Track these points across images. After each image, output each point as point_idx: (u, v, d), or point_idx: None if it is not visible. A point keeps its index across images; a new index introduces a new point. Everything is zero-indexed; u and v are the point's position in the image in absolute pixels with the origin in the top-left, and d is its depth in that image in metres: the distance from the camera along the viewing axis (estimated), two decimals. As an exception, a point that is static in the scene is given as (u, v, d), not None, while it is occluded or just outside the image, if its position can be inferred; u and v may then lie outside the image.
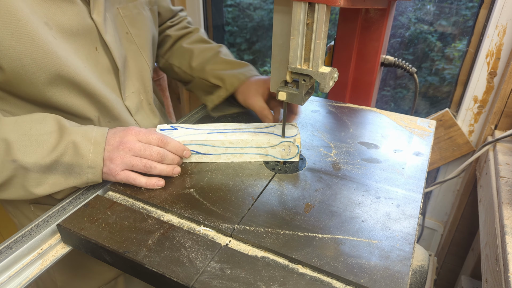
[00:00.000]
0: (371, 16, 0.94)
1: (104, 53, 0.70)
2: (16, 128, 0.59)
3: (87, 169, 0.62)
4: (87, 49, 0.68)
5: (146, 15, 0.81)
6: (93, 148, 0.62)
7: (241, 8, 1.79)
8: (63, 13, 0.63)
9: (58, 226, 0.57)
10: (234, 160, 0.72)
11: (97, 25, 0.68)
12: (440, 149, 1.32)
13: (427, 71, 1.41)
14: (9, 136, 0.58)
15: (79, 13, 0.65)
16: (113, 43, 0.71)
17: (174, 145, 0.67)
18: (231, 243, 0.55)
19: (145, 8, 0.81)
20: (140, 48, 0.79)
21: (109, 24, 0.70)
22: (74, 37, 0.65)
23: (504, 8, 1.06)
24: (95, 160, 0.62)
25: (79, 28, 0.65)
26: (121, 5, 0.74)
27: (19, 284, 0.52)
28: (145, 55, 0.81)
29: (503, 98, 1.09)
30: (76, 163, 0.61)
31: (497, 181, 0.91)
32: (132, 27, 0.77)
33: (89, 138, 0.62)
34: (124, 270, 0.55)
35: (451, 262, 1.43)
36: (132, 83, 0.78)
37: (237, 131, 0.72)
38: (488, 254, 0.81)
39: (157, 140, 0.66)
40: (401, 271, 0.49)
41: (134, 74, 0.79)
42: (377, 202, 0.62)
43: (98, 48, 0.69)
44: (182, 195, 0.63)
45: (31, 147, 0.59)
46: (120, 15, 0.74)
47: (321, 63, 0.57)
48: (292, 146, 0.70)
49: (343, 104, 0.97)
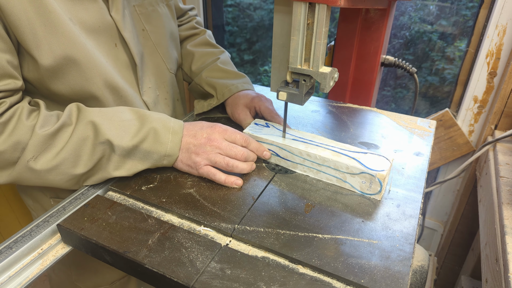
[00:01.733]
0: (371, 16, 0.94)
1: (123, 49, 0.73)
2: (101, 114, 0.63)
3: (164, 156, 0.65)
4: (107, 45, 0.70)
5: (162, 11, 0.83)
6: (171, 137, 0.65)
7: (241, 8, 1.79)
8: (85, 10, 0.65)
9: (58, 226, 0.57)
10: (309, 175, 0.68)
11: (116, 22, 0.70)
12: (440, 149, 1.32)
13: (427, 71, 1.41)
14: (96, 119, 0.62)
15: (100, 11, 0.67)
16: (131, 39, 0.73)
17: (255, 146, 0.70)
18: (231, 243, 0.55)
19: (160, 4, 0.83)
20: (156, 44, 0.81)
21: (127, 21, 0.72)
22: (95, 33, 0.67)
23: (504, 8, 1.06)
24: (173, 149, 0.65)
25: (100, 25, 0.67)
26: (137, 2, 0.76)
27: (19, 284, 0.52)
28: (160, 51, 0.83)
29: (503, 98, 1.09)
30: (155, 150, 0.64)
31: (497, 181, 0.91)
32: (148, 24, 0.79)
33: (168, 127, 0.65)
34: (124, 270, 0.55)
35: (451, 262, 1.43)
36: (148, 79, 0.80)
37: (321, 145, 0.67)
38: (488, 254, 0.81)
39: (241, 140, 0.68)
40: (401, 271, 0.49)
41: (151, 69, 0.81)
42: (377, 202, 0.62)
43: (117, 45, 0.71)
44: (183, 195, 0.63)
45: (116, 130, 0.62)
46: (136, 12, 0.76)
47: (321, 63, 0.57)
48: (374, 181, 0.61)
49: (343, 104, 0.97)
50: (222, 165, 0.65)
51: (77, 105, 0.63)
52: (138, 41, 0.76)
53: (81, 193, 0.65)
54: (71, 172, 0.61)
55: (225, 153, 0.66)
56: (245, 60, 1.90)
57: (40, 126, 0.58)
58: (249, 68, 1.92)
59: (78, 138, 0.60)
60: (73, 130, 0.60)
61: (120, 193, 0.65)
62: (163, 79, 0.85)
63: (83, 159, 0.61)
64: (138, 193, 0.64)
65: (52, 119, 0.60)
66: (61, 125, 0.60)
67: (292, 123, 0.87)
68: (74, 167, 0.61)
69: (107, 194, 0.66)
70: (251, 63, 1.90)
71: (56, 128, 0.59)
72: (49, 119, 0.60)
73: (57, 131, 0.59)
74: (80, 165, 0.62)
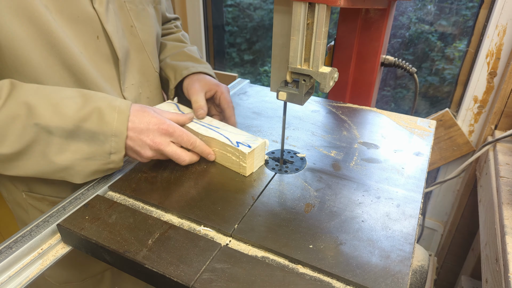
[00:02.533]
0: (371, 16, 0.94)
1: (106, 42, 0.71)
2: (38, 92, 0.59)
3: (111, 137, 0.61)
4: (87, 36, 0.68)
5: (151, 12, 0.83)
6: (117, 116, 0.61)
7: (241, 8, 1.79)
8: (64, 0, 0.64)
9: (58, 226, 0.57)
10: None
11: (98, 14, 0.69)
12: (440, 149, 1.32)
13: (427, 71, 1.41)
14: (31, 99, 0.57)
15: (80, 1, 0.66)
16: (114, 33, 0.71)
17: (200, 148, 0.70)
18: (231, 243, 0.55)
19: (149, 6, 0.83)
20: (144, 42, 0.81)
21: (111, 15, 0.71)
22: (74, 23, 0.66)
23: (504, 8, 1.06)
24: (119, 129, 0.61)
25: (79, 15, 0.66)
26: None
27: (19, 284, 0.52)
28: (148, 50, 0.82)
29: (503, 98, 1.09)
30: (100, 131, 0.60)
31: (497, 181, 0.91)
32: (137, 21, 0.79)
33: (113, 107, 0.62)
34: (124, 270, 0.55)
35: (451, 262, 1.43)
36: (132, 76, 0.79)
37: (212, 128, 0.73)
38: (488, 254, 0.81)
39: (188, 143, 0.68)
40: (401, 271, 0.49)
41: (136, 66, 0.80)
42: (377, 202, 0.62)
43: (100, 37, 0.70)
44: (182, 195, 0.63)
45: (54, 111, 0.58)
46: (126, 8, 0.76)
47: (321, 63, 0.57)
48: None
49: (343, 104, 0.97)
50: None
51: (11, 81, 0.60)
52: (124, 36, 0.75)
53: (81, 193, 0.65)
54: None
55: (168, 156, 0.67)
56: (245, 60, 1.90)
57: None
58: (249, 68, 1.92)
59: (6, 115, 0.56)
60: (1, 105, 0.56)
61: (120, 193, 0.65)
62: (148, 78, 0.84)
63: (9, 138, 0.57)
64: (138, 193, 0.64)
65: None
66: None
67: (292, 123, 0.87)
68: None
69: (107, 194, 0.66)
70: (251, 63, 1.90)
71: None
72: None
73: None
74: (5, 145, 0.57)
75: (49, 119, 0.57)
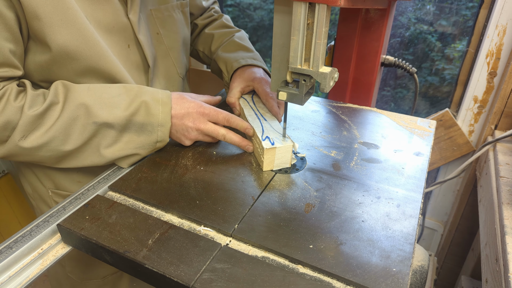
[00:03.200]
0: (371, 16, 0.94)
1: (137, 50, 0.75)
2: (90, 93, 0.66)
3: (157, 127, 0.68)
4: (120, 46, 0.72)
5: (177, 17, 0.85)
6: (161, 108, 0.68)
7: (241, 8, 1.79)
8: (101, 10, 0.67)
9: (58, 226, 0.57)
10: None
11: (132, 24, 0.72)
12: (440, 149, 1.32)
13: (427, 71, 1.41)
14: (86, 100, 0.64)
15: (116, 12, 0.69)
16: (146, 42, 0.75)
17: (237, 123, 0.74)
18: (231, 243, 0.55)
19: (176, 11, 0.85)
20: (169, 48, 0.84)
21: (142, 24, 0.74)
22: (109, 33, 0.69)
23: (504, 8, 1.06)
24: (165, 119, 0.69)
25: (115, 25, 0.70)
26: (154, 7, 0.79)
27: (19, 284, 0.52)
28: (172, 56, 0.85)
29: (503, 98, 1.09)
30: (148, 122, 0.68)
31: (497, 181, 0.91)
32: (163, 28, 0.81)
33: (157, 99, 0.69)
34: (124, 270, 0.55)
35: (451, 262, 1.43)
36: (158, 81, 0.83)
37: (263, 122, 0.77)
38: (488, 254, 0.81)
39: (223, 120, 0.73)
40: (401, 271, 0.49)
41: (161, 72, 0.83)
42: (377, 202, 0.62)
43: (130, 46, 0.74)
44: (183, 195, 0.63)
45: (108, 109, 0.65)
46: (152, 16, 0.79)
47: (321, 63, 0.57)
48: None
49: (343, 104, 0.97)
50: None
51: (62, 83, 0.65)
52: (152, 44, 0.78)
53: (81, 193, 0.65)
54: (61, 149, 0.65)
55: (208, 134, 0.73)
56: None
57: (29, 107, 0.61)
58: (249, 68, 1.91)
59: (68, 117, 0.63)
60: (61, 108, 0.63)
61: (120, 193, 0.65)
62: (173, 83, 0.87)
63: (72, 137, 0.65)
64: (138, 193, 0.64)
65: (39, 99, 0.63)
66: (49, 104, 0.62)
67: (292, 123, 0.87)
68: (64, 144, 0.65)
69: (107, 194, 0.66)
70: (251, 63, 1.89)
71: (44, 107, 0.62)
72: (36, 99, 0.63)
73: (45, 110, 0.62)
74: (70, 143, 0.65)
75: (105, 117, 0.65)
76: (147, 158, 0.73)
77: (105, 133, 0.66)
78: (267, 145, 0.68)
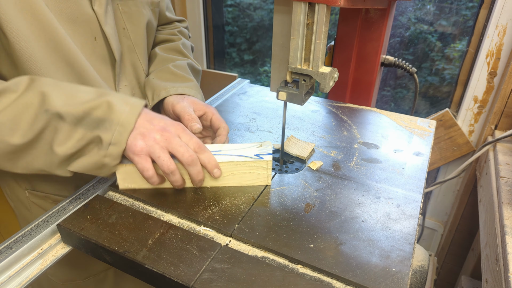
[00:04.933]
0: (371, 16, 0.94)
1: (104, 43, 0.72)
2: (56, 85, 0.59)
3: (116, 125, 0.58)
4: (84, 37, 0.69)
5: (146, 14, 0.82)
6: (129, 109, 0.59)
7: (241, 8, 1.79)
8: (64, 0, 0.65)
9: (58, 226, 0.57)
10: None
11: (97, 16, 0.69)
12: (440, 149, 1.32)
13: (427, 71, 1.41)
14: (47, 89, 0.57)
15: (79, 2, 0.67)
16: (112, 35, 0.72)
17: (207, 156, 0.62)
18: (231, 243, 0.55)
19: (145, 7, 0.82)
20: (135, 44, 0.80)
21: (109, 17, 0.72)
22: (72, 23, 0.67)
23: (504, 8, 1.06)
24: (128, 119, 0.58)
25: (78, 16, 0.67)
26: (121, 1, 0.76)
27: (19, 284, 0.52)
28: (138, 52, 0.81)
29: (503, 98, 1.09)
30: (107, 118, 0.58)
31: (497, 181, 0.91)
32: (129, 24, 0.79)
33: (127, 101, 0.60)
34: (124, 270, 0.55)
35: (451, 262, 1.43)
36: (125, 77, 0.79)
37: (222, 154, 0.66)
38: (488, 254, 0.81)
39: (195, 145, 0.62)
40: (401, 271, 0.49)
41: (128, 68, 0.80)
42: (377, 202, 0.62)
43: (97, 39, 0.71)
44: (182, 195, 0.63)
45: (67, 99, 0.57)
46: (119, 11, 0.76)
47: (321, 63, 0.57)
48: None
49: (343, 104, 0.97)
50: (163, 164, 0.59)
51: (31, 77, 0.59)
52: (118, 38, 0.76)
53: (81, 193, 0.65)
54: (8, 141, 0.56)
55: (171, 148, 0.60)
56: (245, 60, 1.90)
57: None
58: (249, 68, 1.92)
59: (21, 104, 0.56)
60: (17, 97, 0.56)
61: (120, 193, 0.65)
62: (139, 79, 0.83)
63: (22, 127, 0.56)
64: (138, 193, 0.64)
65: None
66: (3, 90, 0.56)
67: (292, 123, 0.87)
68: (11, 135, 0.56)
69: (107, 194, 0.66)
70: (251, 63, 1.90)
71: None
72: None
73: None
74: (18, 133, 0.56)
75: (60, 106, 0.56)
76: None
77: (57, 126, 0.57)
78: (268, 158, 0.64)
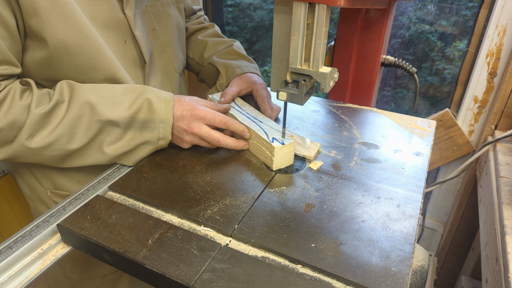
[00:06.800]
0: (371, 16, 0.94)
1: (133, 46, 0.75)
2: (95, 92, 0.66)
3: (159, 123, 0.68)
4: (116, 41, 0.72)
5: (172, 13, 0.85)
6: (163, 105, 0.68)
7: (241, 8, 1.79)
8: (97, 6, 0.67)
9: (58, 226, 0.57)
10: None
11: (128, 19, 0.72)
12: (440, 149, 1.32)
13: (427, 71, 1.41)
14: (91, 99, 0.65)
15: (112, 7, 0.69)
16: (142, 37, 0.75)
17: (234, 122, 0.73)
18: (231, 243, 0.55)
19: (171, 6, 0.85)
20: (165, 44, 0.84)
21: (138, 20, 0.75)
22: (106, 29, 0.69)
23: (504, 8, 1.05)
24: (166, 116, 0.68)
25: (111, 21, 0.70)
26: (149, 2, 0.79)
27: (19, 284, 0.52)
28: (168, 51, 0.85)
29: (503, 98, 1.09)
30: (150, 119, 0.68)
31: (497, 181, 0.91)
32: (158, 24, 0.82)
33: (160, 97, 0.69)
34: (124, 270, 0.55)
35: (451, 262, 1.43)
36: (155, 77, 0.82)
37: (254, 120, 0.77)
38: (488, 254, 0.81)
39: (220, 123, 0.72)
40: (401, 271, 0.49)
41: (158, 68, 0.83)
42: (377, 202, 0.62)
43: (127, 42, 0.74)
44: (183, 195, 0.63)
45: (112, 107, 0.66)
46: (148, 12, 0.79)
47: (321, 63, 0.57)
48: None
49: (343, 104, 0.97)
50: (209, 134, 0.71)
51: (67, 82, 0.66)
52: (148, 40, 0.78)
53: (81, 193, 0.65)
54: (66, 148, 0.65)
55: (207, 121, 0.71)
56: (245, 60, 1.89)
57: (36, 106, 0.61)
58: (249, 68, 1.91)
59: (73, 115, 0.64)
60: (67, 107, 0.63)
61: (120, 193, 0.65)
62: (170, 78, 0.87)
63: (78, 135, 0.65)
64: (138, 193, 0.64)
65: (45, 98, 0.63)
66: (55, 103, 0.62)
67: (292, 123, 0.87)
68: (69, 143, 0.65)
69: (107, 194, 0.66)
70: (251, 63, 1.89)
71: (50, 106, 0.62)
72: (43, 98, 0.63)
73: (52, 109, 0.62)
74: (75, 141, 0.65)
75: (110, 115, 0.65)
76: (147, 159, 0.73)
77: (109, 131, 0.67)
78: (277, 145, 0.68)
